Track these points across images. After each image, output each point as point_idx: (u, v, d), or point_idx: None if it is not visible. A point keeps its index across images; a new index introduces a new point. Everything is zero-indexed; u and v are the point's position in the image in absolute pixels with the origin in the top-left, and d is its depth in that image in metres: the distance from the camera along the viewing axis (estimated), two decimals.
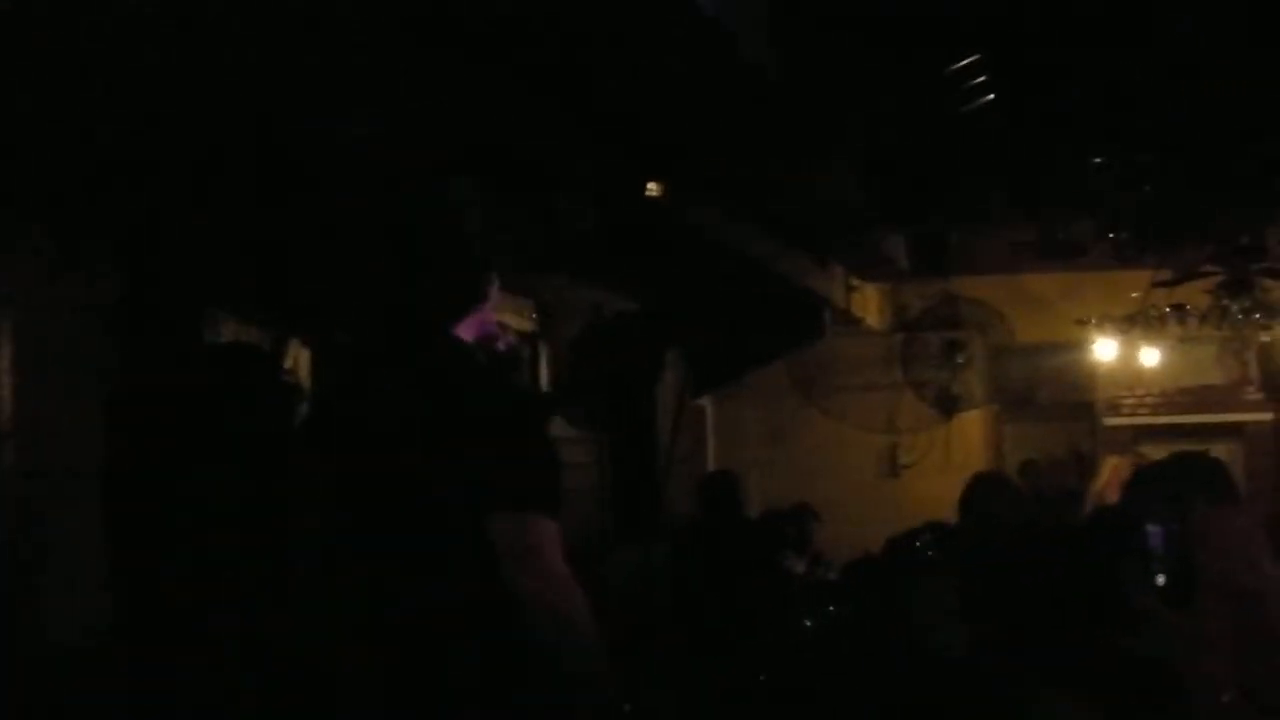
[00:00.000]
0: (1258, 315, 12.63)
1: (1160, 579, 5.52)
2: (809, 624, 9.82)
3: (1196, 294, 12.81)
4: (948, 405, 15.45)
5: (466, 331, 4.03)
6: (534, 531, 3.68)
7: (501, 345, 4.18)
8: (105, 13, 4.42)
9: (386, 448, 3.83)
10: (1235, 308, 12.54)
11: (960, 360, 15.32)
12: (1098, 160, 8.98)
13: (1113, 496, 8.86)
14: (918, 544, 6.15)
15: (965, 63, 7.32)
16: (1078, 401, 15.84)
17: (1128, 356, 14.03)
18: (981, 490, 8.06)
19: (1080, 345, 14.36)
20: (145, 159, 4.96)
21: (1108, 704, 4.99)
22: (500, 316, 4.31)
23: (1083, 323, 13.83)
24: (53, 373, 4.90)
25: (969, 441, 15.54)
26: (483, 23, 5.32)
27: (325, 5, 4.76)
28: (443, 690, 3.70)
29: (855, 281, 13.83)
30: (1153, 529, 5.50)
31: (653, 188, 7.43)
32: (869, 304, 14.74)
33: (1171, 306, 12.95)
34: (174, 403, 4.86)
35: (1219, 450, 9.18)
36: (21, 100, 4.55)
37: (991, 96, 7.54)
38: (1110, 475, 9.71)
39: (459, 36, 5.35)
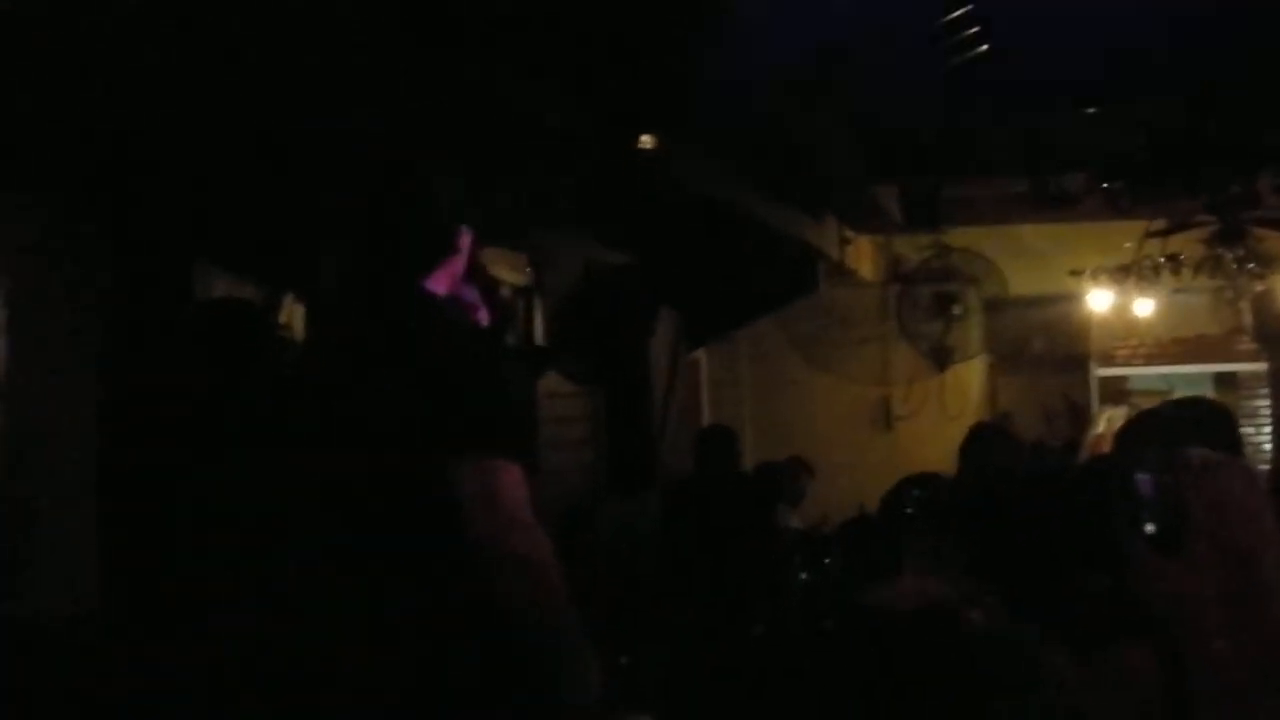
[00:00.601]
0: (1251, 265, 12.63)
1: (1150, 527, 5.52)
2: (804, 577, 9.84)
3: (1190, 244, 12.81)
4: (942, 357, 15.46)
5: (440, 284, 4.04)
6: (497, 478, 3.69)
7: (476, 299, 4.19)
8: None
9: (352, 399, 3.85)
10: (1229, 257, 12.54)
11: (955, 312, 15.32)
12: (1090, 110, 8.97)
13: (1107, 447, 8.87)
14: (914, 494, 6.15)
15: (957, 14, 7.30)
16: (1072, 352, 15.85)
17: (1122, 307, 14.03)
18: (980, 440, 8.07)
19: (1074, 296, 14.37)
20: (133, 118, 4.95)
21: (1094, 651, 5.00)
22: (493, 270, 4.32)
23: (1077, 274, 13.82)
24: (45, 334, 4.90)
25: (963, 393, 15.55)
26: None
27: None
28: (412, 641, 3.72)
29: (849, 234, 13.81)
30: (1142, 476, 5.48)
31: (646, 140, 7.42)
32: (863, 256, 14.72)
33: (1165, 257, 12.95)
34: (167, 359, 4.87)
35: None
36: (5, 65, 4.55)
37: (984, 49, 7.53)
38: (1105, 426, 9.72)
39: None
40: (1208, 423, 5.80)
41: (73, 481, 4.96)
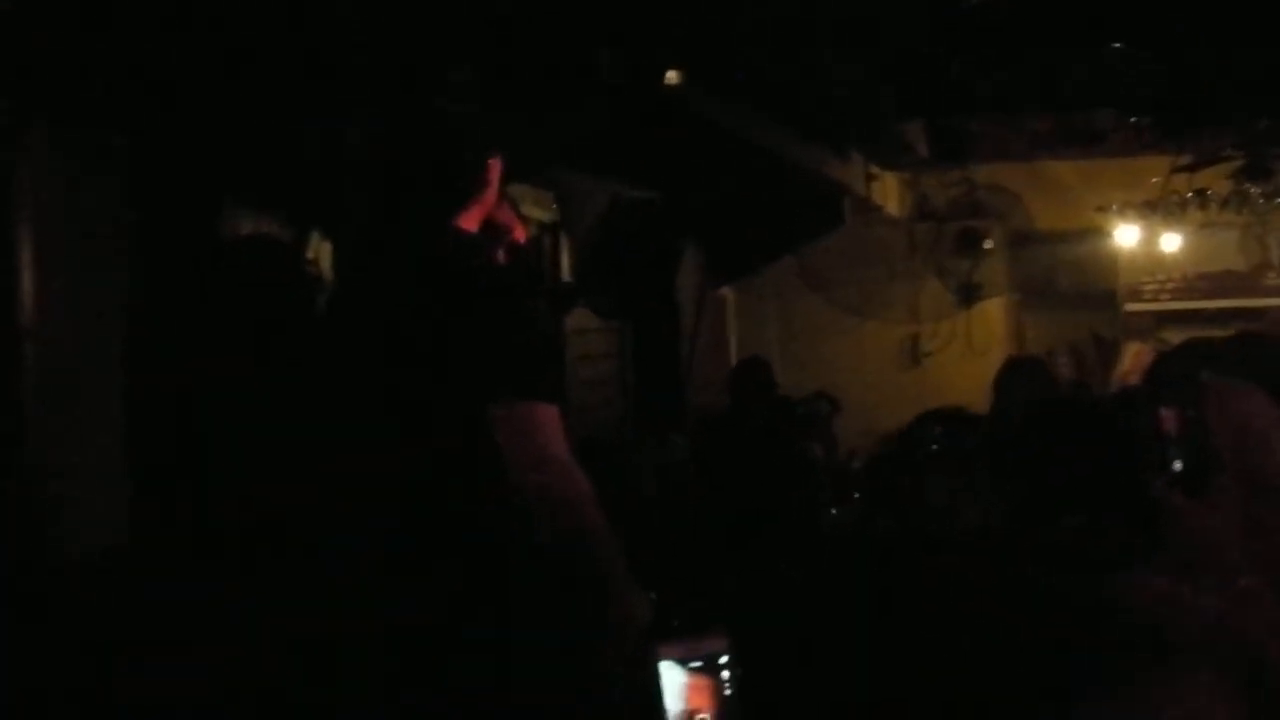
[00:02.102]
0: (1279, 200, 12.61)
1: (1178, 465, 5.51)
2: (834, 512, 9.88)
3: (1217, 179, 12.79)
4: (968, 293, 15.45)
5: (470, 221, 4.03)
6: (533, 418, 3.71)
7: (508, 235, 4.19)
8: None
9: (383, 340, 3.87)
10: (1256, 192, 12.52)
11: (983, 248, 15.31)
12: (1116, 45, 8.95)
13: (1135, 382, 8.87)
14: (937, 431, 6.15)
15: None
16: (1099, 288, 15.84)
17: (1149, 242, 14.02)
18: (1014, 374, 8.08)
19: (1101, 232, 14.36)
20: (156, 54, 4.97)
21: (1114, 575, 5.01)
22: (520, 207, 4.33)
23: (1103, 209, 13.82)
24: (71, 275, 4.91)
25: (990, 329, 15.55)
26: None
27: None
28: (448, 579, 3.75)
29: (875, 170, 13.80)
30: (1167, 413, 5.46)
31: (671, 77, 7.42)
32: (889, 193, 14.71)
33: (1192, 192, 12.93)
34: (193, 297, 4.89)
35: None
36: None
37: None
38: (1132, 361, 9.73)
39: None
40: (1245, 355, 5.78)
41: (101, 422, 4.99)
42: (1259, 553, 4.87)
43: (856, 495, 10.07)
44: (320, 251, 6.09)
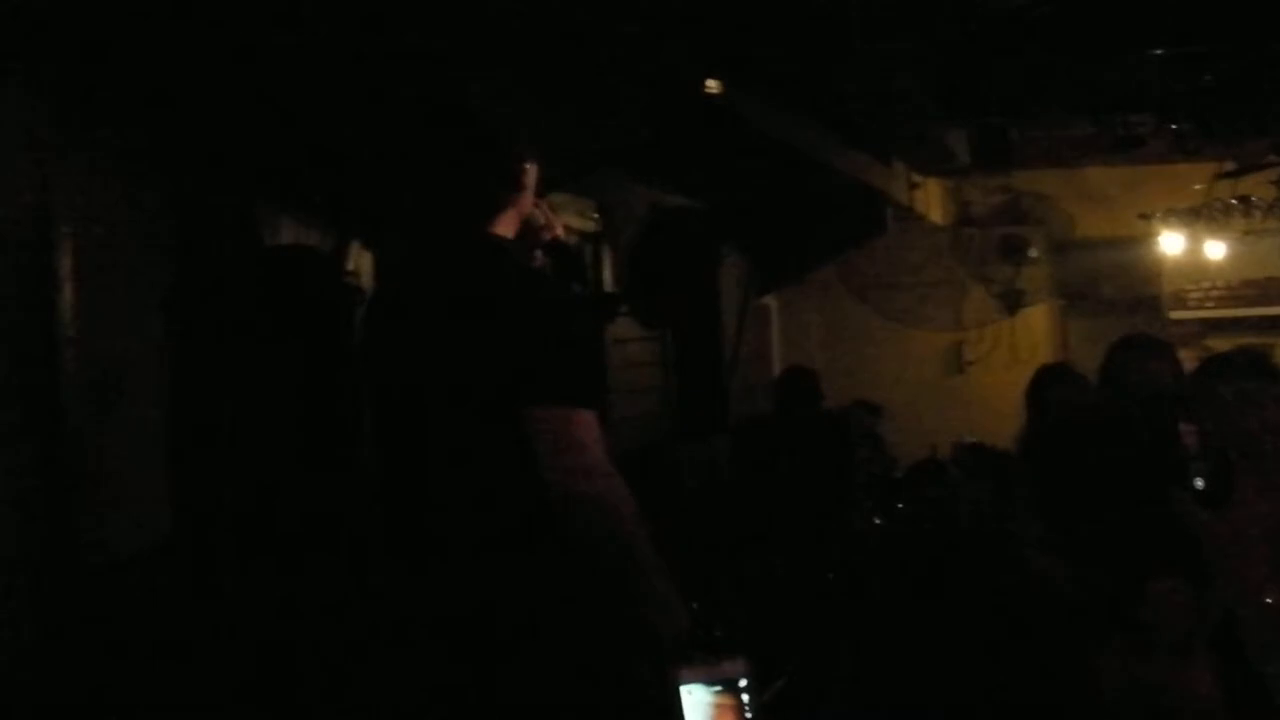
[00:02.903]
0: None
1: (1199, 482, 5.48)
2: (878, 521, 9.89)
3: (1261, 186, 12.74)
4: (1012, 301, 15.44)
5: (508, 227, 4.05)
6: (574, 424, 3.72)
7: (546, 238, 4.21)
8: None
9: (426, 345, 3.89)
10: None
11: (1029, 255, 15.29)
12: (1157, 51, 8.94)
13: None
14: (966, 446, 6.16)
15: None
16: (1143, 295, 15.79)
17: (1193, 250, 13.98)
18: (1047, 381, 8.07)
19: (1144, 239, 14.32)
20: (197, 61, 5.00)
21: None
22: (562, 217, 4.35)
23: (1146, 216, 13.78)
24: (112, 282, 4.94)
25: (1034, 337, 15.53)
26: None
27: None
28: (488, 586, 3.76)
29: (917, 178, 13.80)
30: (1186, 428, 5.45)
31: (712, 85, 7.44)
32: (931, 200, 14.70)
33: (1236, 199, 12.88)
34: (234, 306, 4.92)
35: None
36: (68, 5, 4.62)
37: None
38: None
39: None
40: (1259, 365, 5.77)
41: (142, 426, 5.03)
42: None
43: (900, 505, 10.08)
44: (360, 262, 6.13)
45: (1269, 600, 4.79)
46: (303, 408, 4.71)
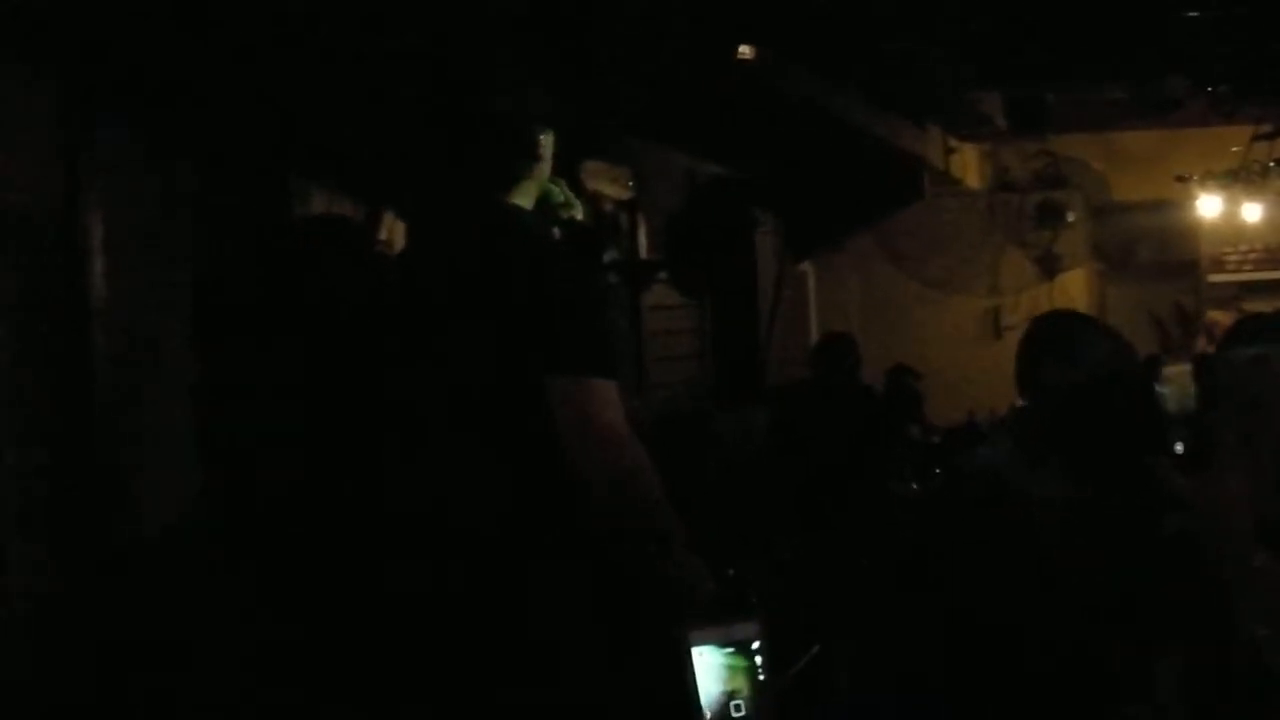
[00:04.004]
0: None
1: (1179, 447, 5.44)
2: (915, 487, 9.88)
3: None
4: (1050, 265, 15.42)
5: (526, 197, 4.06)
6: (591, 393, 3.74)
7: (566, 212, 4.22)
8: None
9: (444, 316, 3.90)
10: None
11: (1068, 219, 15.26)
12: (1192, 14, 8.92)
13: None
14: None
15: None
16: (1181, 259, 15.76)
17: (1230, 212, 13.92)
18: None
19: (1182, 202, 14.28)
20: (225, 32, 5.02)
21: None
22: (597, 185, 4.37)
23: (1183, 179, 13.74)
24: (141, 254, 4.96)
25: (1072, 301, 15.46)
26: None
27: None
28: (506, 555, 3.78)
29: (953, 143, 13.79)
30: (1162, 390, 5.43)
31: (745, 51, 7.44)
32: (967, 165, 14.69)
33: (1274, 161, 12.84)
34: (263, 277, 4.93)
35: None
36: None
37: None
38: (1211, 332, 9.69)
39: None
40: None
41: (169, 401, 5.06)
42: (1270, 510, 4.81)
43: (937, 471, 10.08)
44: (393, 231, 6.15)
45: (1258, 563, 4.77)
46: (330, 380, 4.71)
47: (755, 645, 3.69)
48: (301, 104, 5.42)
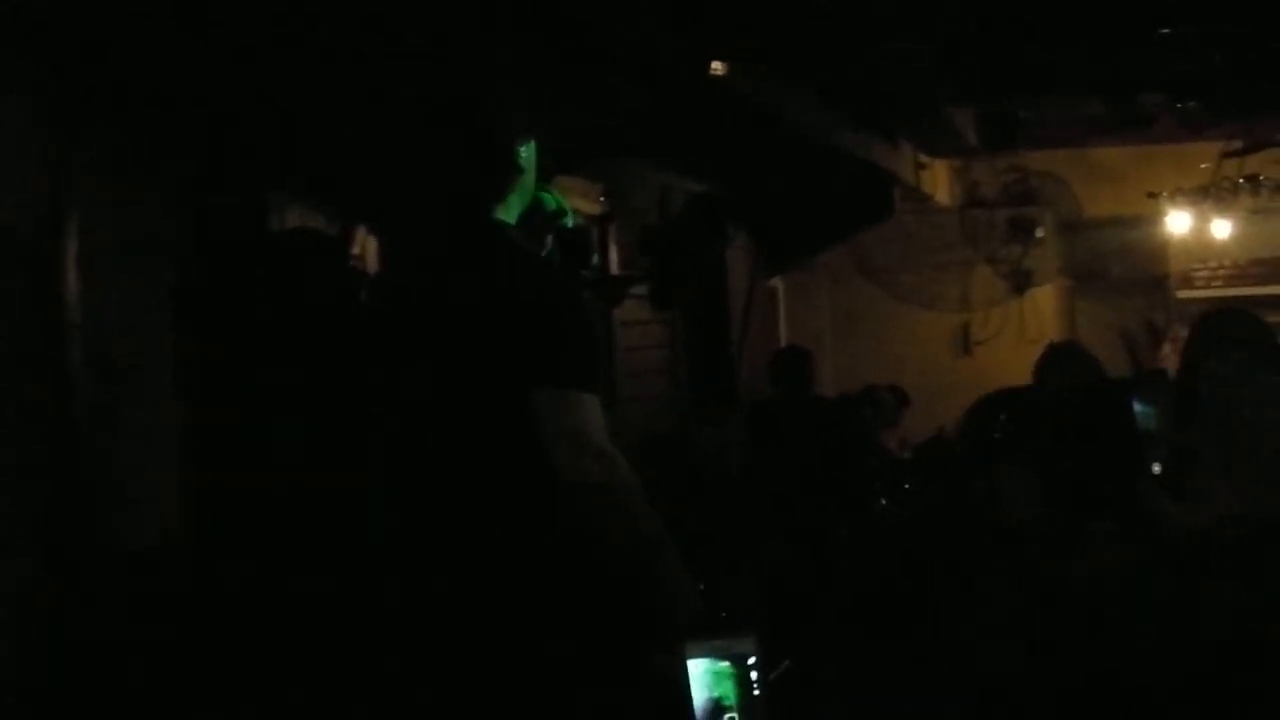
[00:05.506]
0: None
1: (1156, 468, 5.43)
2: (884, 503, 9.88)
3: (1268, 164, 12.75)
4: (1020, 281, 15.45)
5: (510, 210, 4.04)
6: (576, 407, 3.73)
7: (550, 223, 4.20)
8: None
9: (427, 330, 3.89)
10: None
11: (1037, 235, 15.30)
12: (1165, 30, 8.93)
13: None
14: (1001, 419, 6.11)
15: None
16: (1151, 275, 15.79)
17: (1200, 229, 13.96)
18: (1054, 359, 8.09)
19: (1152, 218, 14.32)
20: (205, 48, 5.01)
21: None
22: (569, 199, 4.34)
23: (1154, 195, 13.77)
24: (118, 267, 4.94)
25: (1042, 316, 15.53)
26: None
27: None
28: (493, 569, 3.77)
29: (924, 158, 13.80)
30: (1143, 410, 5.41)
31: (717, 66, 7.43)
32: (938, 181, 14.70)
33: (1243, 177, 12.88)
34: (240, 291, 4.92)
35: None
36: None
37: None
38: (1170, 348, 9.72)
39: None
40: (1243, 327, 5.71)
41: (149, 413, 5.03)
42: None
43: (907, 486, 10.07)
44: (366, 245, 6.13)
45: (1229, 584, 4.79)
46: (311, 398, 4.71)
47: (751, 660, 3.69)
48: (281, 118, 5.40)
